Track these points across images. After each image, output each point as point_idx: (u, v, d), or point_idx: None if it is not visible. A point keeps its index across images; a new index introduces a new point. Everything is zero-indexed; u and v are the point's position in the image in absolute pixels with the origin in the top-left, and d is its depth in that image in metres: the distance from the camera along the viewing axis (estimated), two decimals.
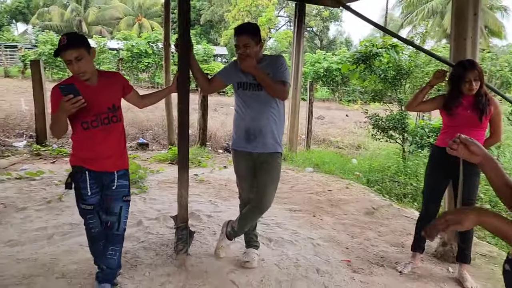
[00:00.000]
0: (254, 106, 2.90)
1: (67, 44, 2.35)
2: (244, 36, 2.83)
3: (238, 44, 2.85)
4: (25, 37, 41.54)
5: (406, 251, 3.64)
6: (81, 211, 2.65)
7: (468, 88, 3.00)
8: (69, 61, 2.37)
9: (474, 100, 3.05)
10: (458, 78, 3.06)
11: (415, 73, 7.25)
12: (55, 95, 2.44)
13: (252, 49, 2.83)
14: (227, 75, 3.06)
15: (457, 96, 3.10)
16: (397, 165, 6.80)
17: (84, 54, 2.41)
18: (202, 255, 3.31)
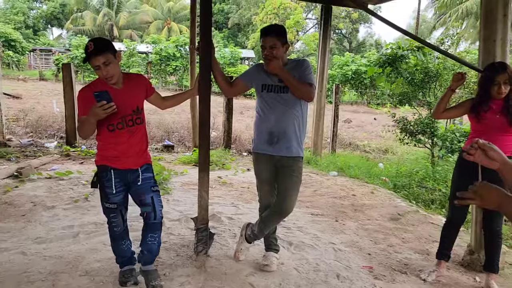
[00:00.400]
0: (278, 108, 2.89)
1: (95, 50, 2.42)
2: (271, 37, 2.82)
3: (264, 45, 2.85)
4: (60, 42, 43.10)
5: (431, 258, 3.53)
6: (105, 210, 2.72)
7: (497, 91, 2.90)
8: (97, 66, 2.45)
9: (504, 104, 2.94)
10: (487, 80, 2.97)
11: (444, 76, 7.07)
12: (83, 98, 2.53)
13: (278, 51, 2.83)
14: (250, 78, 3.06)
15: (486, 99, 3.00)
16: (426, 170, 6.63)
17: (111, 59, 2.48)
18: (221, 257, 3.32)
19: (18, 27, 36.53)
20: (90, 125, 2.45)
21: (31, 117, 9.56)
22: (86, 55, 2.44)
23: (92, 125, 2.46)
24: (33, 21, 45.47)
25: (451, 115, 3.37)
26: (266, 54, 2.83)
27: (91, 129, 2.49)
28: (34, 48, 31.87)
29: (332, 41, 42.96)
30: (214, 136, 9.12)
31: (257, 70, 3.04)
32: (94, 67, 2.46)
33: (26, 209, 4.20)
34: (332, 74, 23.76)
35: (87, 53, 2.44)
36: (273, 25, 2.93)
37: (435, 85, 7.21)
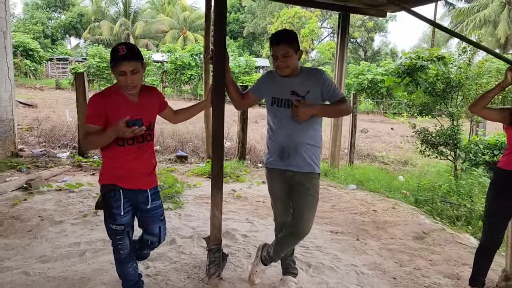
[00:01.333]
0: (289, 124, 2.67)
1: (127, 55, 2.27)
2: (283, 45, 2.61)
3: (276, 54, 2.64)
4: (77, 51, 43.73)
5: (462, 284, 3.25)
6: (111, 232, 2.54)
7: None
8: (123, 72, 2.29)
9: None
10: None
11: (467, 86, 6.76)
12: (95, 104, 2.37)
13: (292, 59, 2.63)
14: (260, 90, 2.87)
15: None
16: (449, 184, 6.31)
17: (139, 68, 2.35)
18: (235, 280, 3.10)
19: (36, 37, 37.17)
20: (108, 139, 2.32)
21: (45, 127, 9.51)
22: (115, 58, 2.28)
23: (110, 140, 2.33)
24: (52, 31, 46.27)
25: (490, 116, 2.95)
26: (279, 64, 2.64)
27: (105, 144, 2.36)
28: (51, 57, 32.32)
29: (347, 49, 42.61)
30: (228, 147, 8.94)
31: (267, 80, 2.83)
32: (120, 72, 2.29)
33: (33, 224, 4.05)
34: (348, 83, 23.46)
35: (116, 56, 2.27)
36: (283, 32, 2.67)
37: (457, 95, 6.91)
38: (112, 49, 2.33)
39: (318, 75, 2.71)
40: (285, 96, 2.68)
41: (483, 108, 2.89)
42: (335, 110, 2.74)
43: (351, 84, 23.51)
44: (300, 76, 2.71)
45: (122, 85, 2.34)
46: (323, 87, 2.67)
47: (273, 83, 2.78)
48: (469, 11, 30.51)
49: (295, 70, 2.70)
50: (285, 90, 2.68)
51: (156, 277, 3.09)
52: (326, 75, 2.72)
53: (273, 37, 2.66)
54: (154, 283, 3.00)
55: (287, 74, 2.68)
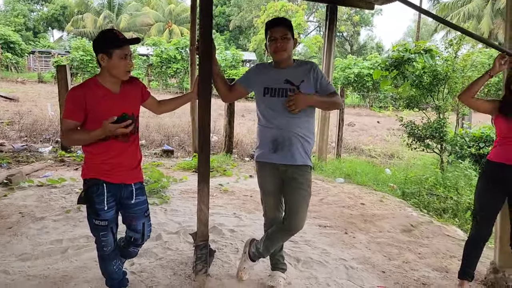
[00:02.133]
0: (282, 113, 2.60)
1: (126, 39, 2.26)
2: (282, 27, 2.59)
3: (275, 36, 2.58)
4: (60, 44, 42.88)
5: (451, 277, 3.25)
6: (94, 228, 2.44)
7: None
8: (125, 55, 2.25)
9: None
10: (507, 79, 2.70)
11: (454, 78, 6.78)
12: (74, 98, 2.26)
13: (289, 43, 2.60)
14: (249, 81, 2.78)
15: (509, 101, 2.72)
16: (435, 177, 6.34)
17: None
18: (223, 276, 3.03)
19: (18, 29, 36.31)
20: (93, 139, 2.24)
21: (26, 121, 9.28)
22: (116, 41, 2.22)
23: (94, 139, 2.26)
24: (34, 23, 45.27)
25: (480, 106, 2.89)
26: (278, 46, 2.57)
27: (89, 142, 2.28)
28: (33, 50, 31.65)
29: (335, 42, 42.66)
30: (215, 141, 8.84)
31: (257, 72, 2.76)
32: (124, 55, 2.24)
33: (13, 221, 3.91)
34: (335, 77, 23.49)
35: (118, 39, 2.22)
36: (282, 17, 2.67)
37: (444, 88, 6.92)
38: (103, 34, 2.25)
39: (311, 66, 2.67)
40: (279, 86, 2.61)
41: (472, 96, 2.84)
42: (329, 103, 2.68)
43: (338, 78, 23.54)
44: (294, 68, 2.66)
45: (122, 70, 2.27)
46: (316, 79, 2.62)
47: (264, 74, 2.71)
48: (454, 5, 30.79)
49: (289, 59, 2.66)
50: (279, 79, 2.62)
51: (141, 274, 3.00)
52: (319, 67, 2.68)
53: (271, 20, 2.64)
54: (139, 281, 2.91)
55: (283, 59, 2.62)
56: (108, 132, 2.18)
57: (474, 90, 2.82)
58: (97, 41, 2.25)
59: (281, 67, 2.66)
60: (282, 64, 2.66)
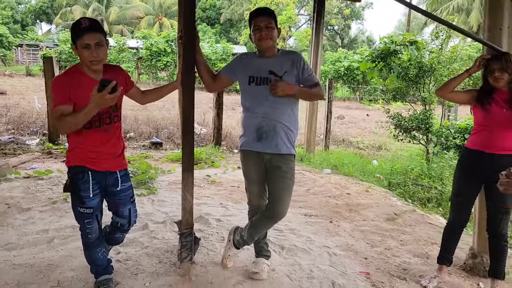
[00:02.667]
0: (267, 102, 2.63)
1: (90, 27, 2.19)
2: (266, 16, 2.62)
3: (259, 25, 2.60)
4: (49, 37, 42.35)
5: (431, 262, 3.32)
6: (79, 216, 2.47)
7: (493, 78, 2.70)
8: (88, 45, 2.20)
9: (509, 97, 2.72)
10: (485, 70, 2.78)
11: (439, 71, 6.87)
12: (60, 84, 2.26)
13: (274, 32, 2.63)
14: (234, 70, 2.81)
15: (488, 90, 2.79)
16: (421, 167, 6.45)
17: (103, 42, 2.27)
18: (208, 263, 3.07)
19: (5, 22, 35.78)
20: (88, 115, 2.17)
21: (14, 113, 9.21)
22: (78, 30, 2.18)
23: (90, 116, 2.19)
24: (21, 16, 44.63)
25: (456, 98, 3.05)
26: (263, 35, 2.60)
27: (85, 121, 2.21)
28: (21, 43, 31.22)
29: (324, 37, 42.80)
30: (204, 133, 8.86)
31: (241, 62, 2.79)
32: (84, 45, 2.19)
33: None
34: (325, 70, 23.56)
35: (79, 28, 2.18)
36: (265, 7, 2.71)
37: (430, 80, 7.01)
38: (72, 24, 2.23)
39: (296, 56, 2.70)
40: (263, 75, 2.65)
41: (449, 92, 2.94)
42: (310, 93, 2.71)
43: (328, 71, 23.59)
44: (278, 57, 2.69)
45: (86, 60, 2.23)
46: (300, 69, 2.66)
47: (249, 63, 2.74)
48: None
49: (274, 48, 2.69)
50: (263, 69, 2.65)
51: (127, 262, 3.03)
52: (303, 58, 2.72)
53: (254, 10, 2.67)
54: (124, 268, 2.94)
55: (268, 46, 2.65)
56: (98, 102, 2.10)
57: (451, 86, 2.92)
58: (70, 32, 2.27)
59: (266, 56, 2.70)
60: (267, 53, 2.69)
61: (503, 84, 2.71)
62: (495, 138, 2.75)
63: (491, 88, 2.78)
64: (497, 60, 2.72)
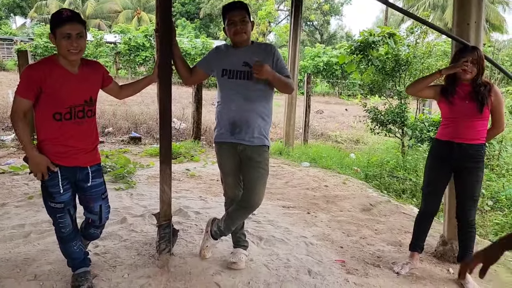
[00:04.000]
0: (240, 95, 2.67)
1: (72, 17, 2.20)
2: (240, 10, 2.65)
3: (234, 19, 2.63)
4: (24, 31, 41.20)
5: (404, 250, 3.44)
6: (50, 210, 2.46)
7: (462, 70, 2.77)
8: (68, 35, 2.20)
9: (471, 90, 2.83)
10: (454, 60, 2.87)
11: (414, 65, 7.04)
12: (29, 76, 2.24)
13: (248, 26, 2.66)
14: (209, 64, 2.84)
15: (453, 82, 2.89)
16: (396, 160, 6.61)
17: (84, 33, 2.27)
18: (186, 255, 3.11)
19: None
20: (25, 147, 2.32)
21: None
22: (59, 20, 2.18)
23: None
24: None
25: (423, 94, 3.15)
26: (238, 29, 2.63)
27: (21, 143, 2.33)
28: None
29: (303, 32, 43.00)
30: (184, 128, 8.85)
31: (216, 55, 2.82)
32: (65, 34, 2.19)
33: None
34: (304, 65, 23.71)
35: (60, 18, 2.18)
36: (238, 1, 2.70)
37: (405, 74, 7.17)
38: (52, 15, 2.23)
39: (269, 48, 2.74)
40: (237, 68, 2.68)
41: (419, 91, 3.03)
42: (284, 82, 2.72)
43: (307, 67, 23.77)
44: (252, 48, 2.73)
45: (64, 49, 2.22)
46: (273, 61, 2.70)
47: (223, 56, 2.77)
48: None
49: (248, 40, 2.73)
50: (237, 61, 2.68)
51: (105, 255, 3.04)
52: (277, 50, 2.77)
53: (228, 5, 2.69)
54: (103, 261, 2.95)
55: (243, 40, 2.68)
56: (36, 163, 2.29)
57: (422, 85, 2.99)
58: (49, 22, 2.26)
59: (240, 47, 2.73)
60: (241, 45, 2.73)
61: (470, 77, 2.82)
62: (462, 129, 2.86)
63: (455, 81, 2.89)
64: (469, 52, 2.80)
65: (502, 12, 28.87)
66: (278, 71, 2.70)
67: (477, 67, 2.80)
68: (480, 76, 2.82)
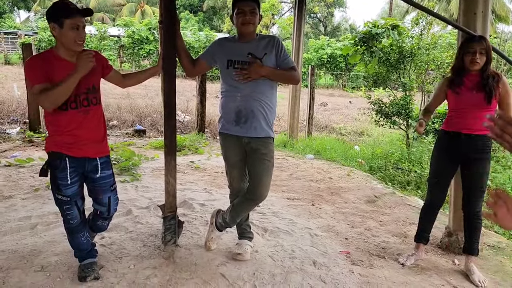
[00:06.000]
0: (246, 85, 2.66)
1: (80, 9, 2.24)
2: (251, 2, 2.63)
3: (244, 9, 2.62)
4: (28, 25, 41.23)
5: (409, 241, 3.44)
6: (58, 202, 2.48)
7: (471, 59, 2.76)
8: (77, 26, 2.23)
9: (479, 80, 2.81)
10: (462, 49, 2.84)
11: (419, 57, 6.98)
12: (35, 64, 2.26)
13: (256, 18, 2.66)
14: (212, 56, 2.83)
15: (461, 72, 2.87)
16: (401, 152, 6.59)
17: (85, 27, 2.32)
18: (192, 246, 3.12)
19: None
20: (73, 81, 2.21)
21: None
22: (67, 10, 2.19)
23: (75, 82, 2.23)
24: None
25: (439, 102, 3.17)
26: (246, 19, 2.62)
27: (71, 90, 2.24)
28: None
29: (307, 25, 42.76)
30: (188, 121, 8.85)
31: (220, 46, 2.81)
32: (74, 26, 2.21)
33: None
34: (308, 58, 23.60)
35: (69, 8, 2.19)
36: None
37: (410, 66, 7.12)
38: (54, 4, 2.23)
39: (274, 40, 2.73)
40: (242, 58, 2.67)
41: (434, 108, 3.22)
42: (284, 76, 2.74)
43: (311, 59, 23.65)
44: (257, 41, 2.72)
45: (71, 41, 2.23)
46: (278, 53, 2.70)
47: (227, 47, 2.75)
48: None
49: (254, 33, 2.72)
50: (242, 53, 2.67)
51: (111, 247, 3.06)
52: (281, 41, 2.76)
53: None
54: (109, 252, 2.97)
55: (249, 31, 2.68)
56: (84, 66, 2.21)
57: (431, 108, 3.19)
58: (49, 11, 2.24)
59: (245, 41, 2.72)
60: (247, 37, 2.72)
61: (478, 67, 2.79)
62: (470, 120, 2.84)
63: (462, 71, 2.87)
64: (477, 42, 2.77)
65: (508, 3, 28.52)
66: (281, 63, 2.70)
67: (485, 56, 2.77)
68: (488, 66, 2.79)
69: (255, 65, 2.59)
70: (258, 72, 2.60)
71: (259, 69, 2.60)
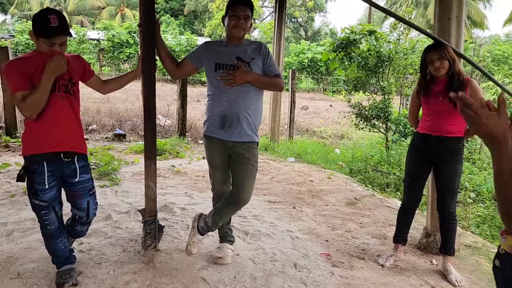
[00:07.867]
0: (232, 90, 2.67)
1: (61, 29, 2.20)
2: (247, 7, 2.65)
3: (238, 13, 2.63)
4: (4, 28, 40.35)
5: (389, 243, 3.49)
6: (35, 207, 2.43)
7: (434, 68, 2.87)
8: (52, 44, 2.22)
9: (446, 85, 2.88)
10: (425, 61, 2.94)
11: (397, 61, 7.12)
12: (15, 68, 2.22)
13: (248, 24, 2.68)
14: (199, 58, 2.82)
15: (428, 81, 2.98)
16: (380, 155, 6.69)
17: (66, 41, 2.30)
18: (172, 250, 3.10)
19: None
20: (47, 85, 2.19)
21: None
22: (46, 29, 2.17)
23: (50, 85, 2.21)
24: None
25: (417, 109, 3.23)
26: (239, 23, 2.63)
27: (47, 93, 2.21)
28: None
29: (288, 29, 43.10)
30: (169, 125, 8.80)
31: (207, 49, 2.81)
32: (51, 43, 2.21)
33: None
34: (289, 62, 23.76)
35: (48, 27, 2.16)
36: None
37: (388, 70, 7.25)
38: (38, 16, 2.21)
39: (261, 46, 2.76)
40: (230, 62, 2.68)
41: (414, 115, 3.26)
42: (269, 82, 2.76)
43: (292, 63, 23.81)
44: (245, 45, 2.73)
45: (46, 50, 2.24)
46: (264, 59, 2.72)
47: (215, 50, 2.75)
48: None
49: (243, 38, 2.74)
50: (230, 57, 2.68)
51: (90, 252, 3.01)
52: (268, 49, 2.79)
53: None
54: (88, 258, 2.92)
55: (240, 35, 2.69)
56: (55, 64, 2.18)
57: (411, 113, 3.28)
58: (33, 19, 2.24)
59: (233, 45, 2.73)
60: (235, 41, 2.73)
61: (444, 72, 2.87)
62: (439, 124, 2.94)
63: (430, 79, 2.95)
64: (434, 49, 2.87)
65: (483, 9, 29.35)
66: (267, 69, 2.72)
67: (446, 60, 2.83)
68: (452, 68, 2.85)
69: (240, 71, 2.60)
70: (243, 78, 2.61)
71: (244, 74, 2.61)
